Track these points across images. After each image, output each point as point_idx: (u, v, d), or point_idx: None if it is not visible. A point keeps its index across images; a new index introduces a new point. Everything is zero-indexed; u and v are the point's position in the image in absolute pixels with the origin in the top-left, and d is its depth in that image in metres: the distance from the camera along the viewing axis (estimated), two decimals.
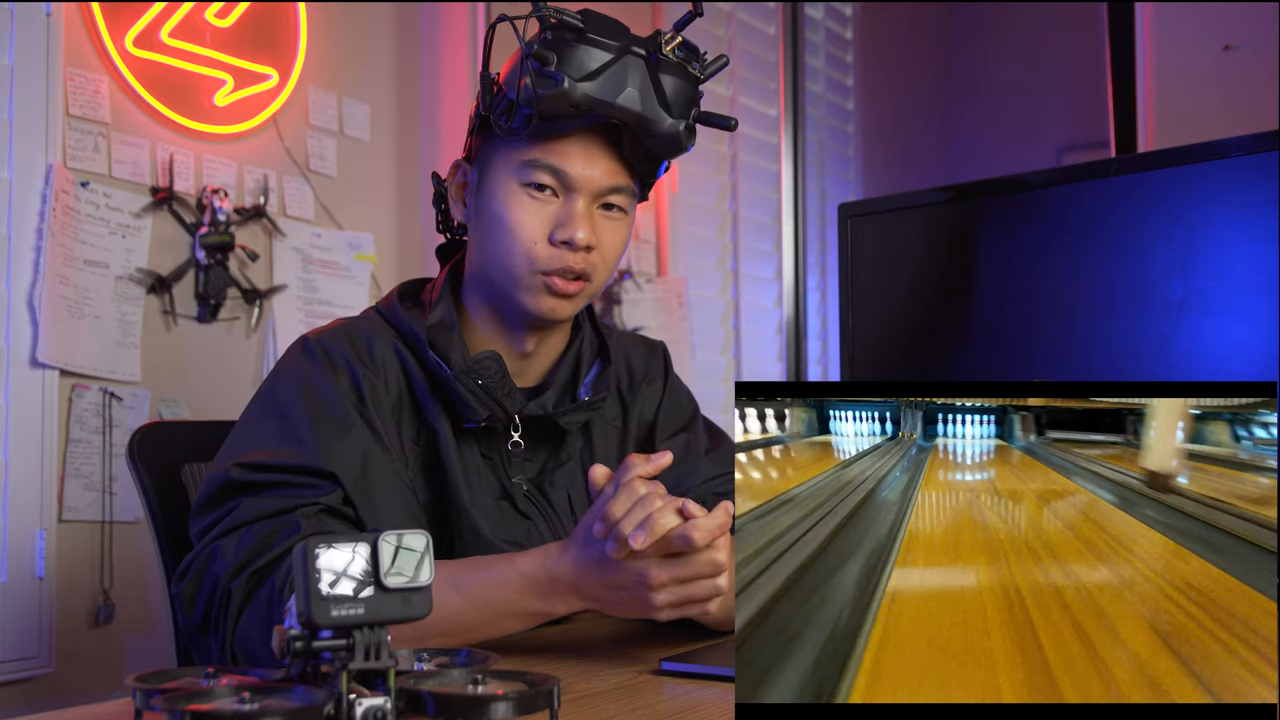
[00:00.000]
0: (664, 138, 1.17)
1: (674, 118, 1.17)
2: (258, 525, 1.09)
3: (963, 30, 4.37)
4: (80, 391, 1.99)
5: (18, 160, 1.91)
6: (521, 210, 1.19)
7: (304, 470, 1.11)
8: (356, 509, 1.12)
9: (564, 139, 1.18)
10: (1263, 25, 2.73)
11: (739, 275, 3.46)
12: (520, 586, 1.06)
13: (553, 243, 1.19)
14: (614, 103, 1.14)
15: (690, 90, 1.19)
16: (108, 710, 0.98)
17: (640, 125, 1.16)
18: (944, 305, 1.52)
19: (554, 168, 1.18)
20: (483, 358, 1.20)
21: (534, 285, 1.20)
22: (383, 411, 1.19)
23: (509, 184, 1.20)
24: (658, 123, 1.16)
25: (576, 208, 1.19)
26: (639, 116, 1.15)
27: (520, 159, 1.19)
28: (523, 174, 1.19)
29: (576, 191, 1.19)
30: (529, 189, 1.19)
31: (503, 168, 1.20)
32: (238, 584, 1.07)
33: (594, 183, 1.19)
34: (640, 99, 1.15)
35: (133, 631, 2.04)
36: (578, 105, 1.14)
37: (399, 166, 2.61)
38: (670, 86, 1.16)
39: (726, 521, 1.02)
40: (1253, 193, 1.24)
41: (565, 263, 1.19)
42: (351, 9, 2.51)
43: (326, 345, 1.21)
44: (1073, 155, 4.02)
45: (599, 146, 1.19)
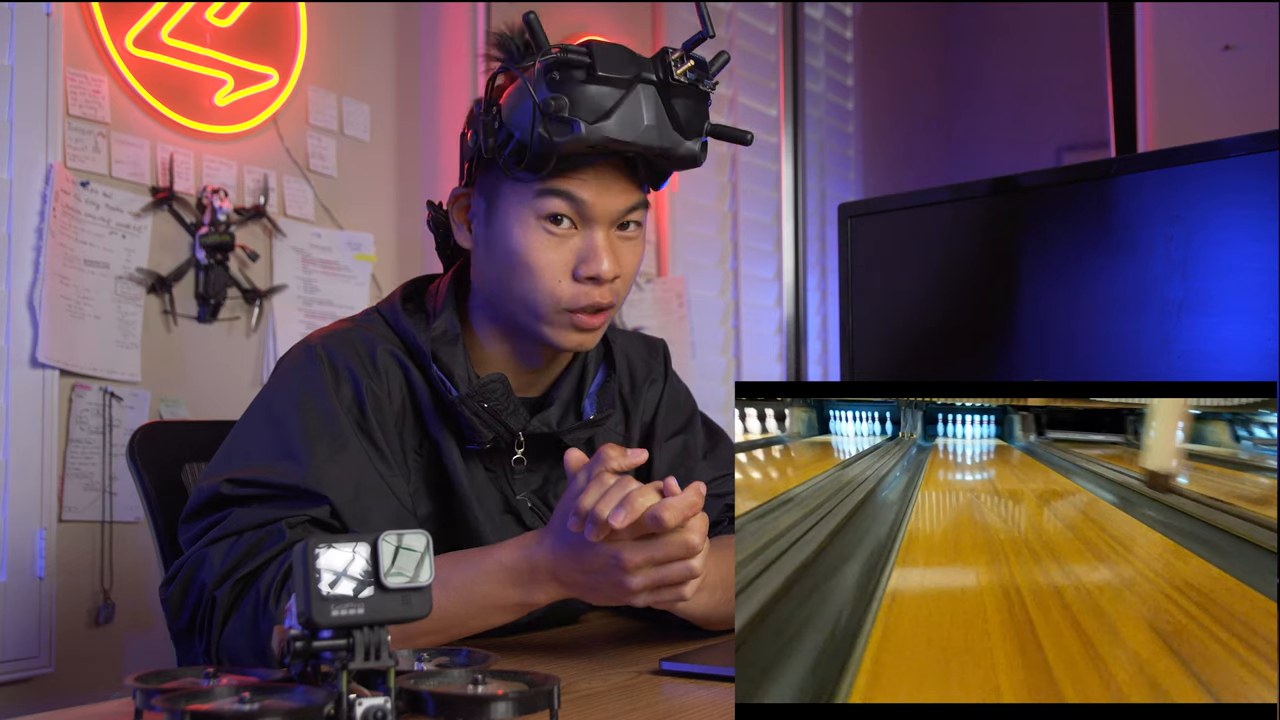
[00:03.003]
0: (680, 159, 1.15)
1: (689, 139, 1.14)
2: (246, 535, 1.10)
3: (963, 30, 4.37)
4: (80, 391, 1.99)
5: (18, 160, 1.91)
6: (541, 248, 1.16)
7: (294, 489, 1.11)
8: (346, 526, 1.12)
9: (577, 170, 1.14)
10: (1263, 25, 2.73)
11: (739, 275, 3.46)
12: (500, 577, 1.05)
13: (577, 278, 1.16)
14: (634, 141, 1.11)
15: (703, 108, 1.16)
16: (108, 710, 0.98)
17: (659, 154, 1.14)
18: (944, 305, 1.52)
19: (571, 196, 1.15)
20: (489, 381, 1.18)
21: (560, 322, 1.18)
22: (385, 423, 1.18)
23: (524, 218, 1.16)
24: (675, 148, 1.13)
25: (597, 240, 1.16)
26: (659, 149, 1.12)
27: (533, 190, 1.15)
28: (538, 207, 1.15)
29: (595, 221, 1.16)
30: (546, 223, 1.15)
31: (514, 199, 1.17)
32: (222, 592, 1.07)
33: (612, 211, 1.17)
34: (658, 131, 1.11)
35: (133, 631, 2.04)
36: (595, 147, 1.11)
37: (399, 166, 2.61)
38: (684, 110, 1.13)
39: (698, 501, 1.00)
40: (1253, 193, 1.24)
41: (592, 299, 1.17)
42: (351, 9, 2.51)
43: (331, 352, 1.19)
44: (1073, 155, 4.02)
45: (613, 173, 1.16)
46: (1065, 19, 3.86)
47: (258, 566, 1.08)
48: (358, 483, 1.14)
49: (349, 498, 1.13)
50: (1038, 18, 4.03)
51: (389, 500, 1.16)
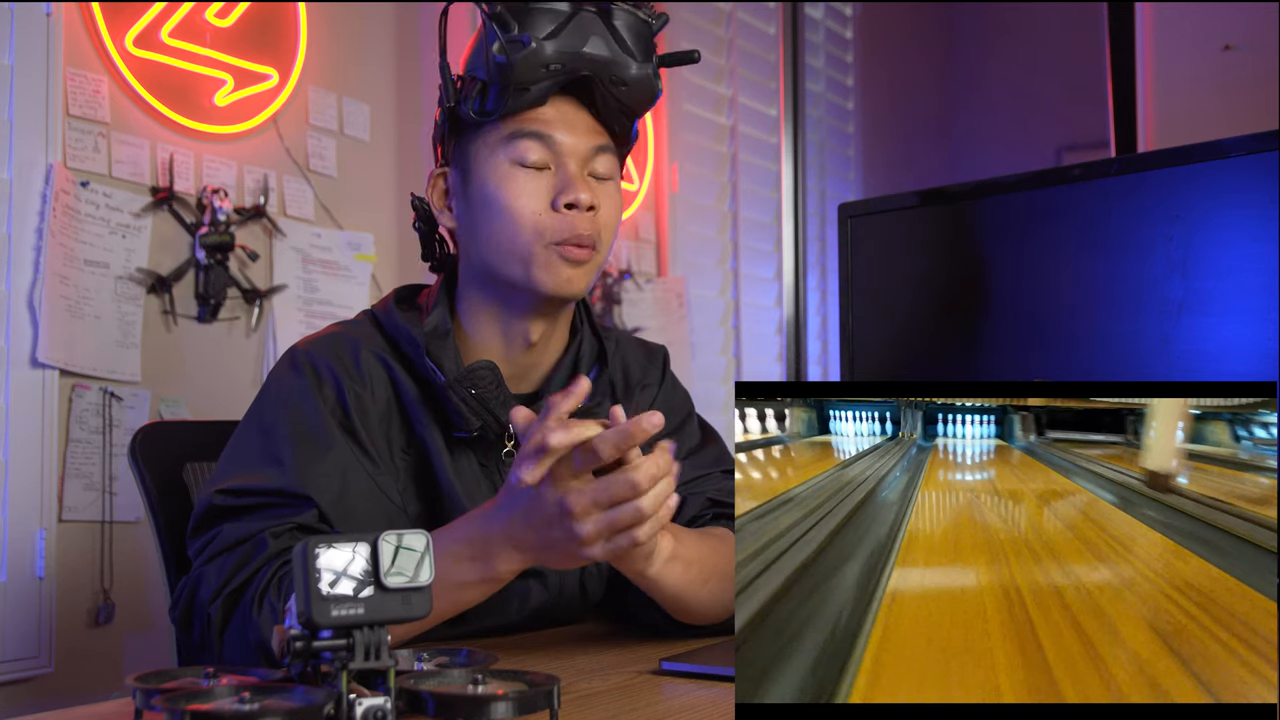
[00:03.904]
0: (634, 84, 1.20)
1: (639, 62, 1.19)
2: (236, 550, 1.11)
3: (963, 30, 4.37)
4: (80, 391, 1.99)
5: (18, 160, 1.91)
6: (518, 187, 1.19)
7: (280, 493, 1.13)
8: (334, 527, 1.13)
9: (539, 110, 1.19)
10: (1263, 25, 2.73)
11: (739, 275, 3.46)
12: (459, 553, 1.04)
13: (555, 209, 1.19)
14: (583, 52, 1.16)
15: (649, 35, 1.21)
16: (108, 710, 0.98)
17: (610, 73, 1.18)
18: (944, 305, 1.52)
19: (538, 134, 1.19)
20: (477, 367, 1.19)
21: (546, 259, 1.19)
22: (369, 423, 1.19)
23: (498, 165, 1.20)
24: (625, 67, 1.18)
25: (571, 172, 1.20)
26: (608, 63, 1.18)
27: (502, 135, 1.20)
28: (509, 150, 1.20)
29: (565, 157, 1.20)
30: (518, 167, 1.20)
31: (486, 153, 1.21)
32: (216, 608, 1.09)
33: (580, 146, 1.21)
34: (606, 47, 1.18)
35: (133, 631, 2.04)
36: (548, 64, 1.16)
37: (399, 166, 2.61)
38: (628, 32, 1.19)
39: (637, 433, 0.96)
40: (1253, 193, 1.24)
41: (575, 228, 1.19)
42: (351, 9, 2.51)
43: (312, 357, 1.21)
44: (1073, 155, 4.02)
45: (574, 110, 1.21)
46: (1065, 19, 3.86)
47: (244, 580, 1.10)
48: (343, 481, 1.15)
49: (334, 497, 1.14)
50: (1038, 18, 4.03)
51: (377, 498, 1.17)
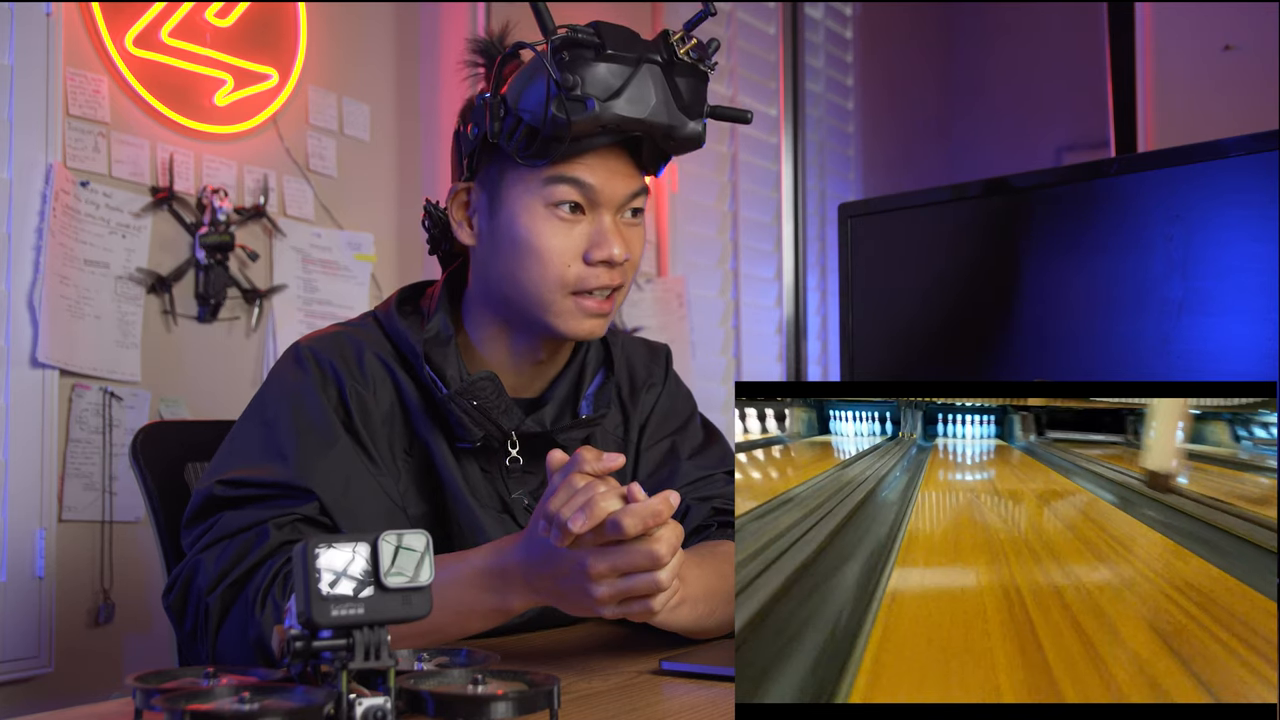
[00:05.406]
0: (684, 140, 1.16)
1: (692, 120, 1.15)
2: (236, 539, 1.11)
3: (963, 30, 4.37)
4: (80, 391, 1.99)
5: (18, 160, 1.91)
6: (550, 234, 1.16)
7: (283, 486, 1.12)
8: (336, 522, 1.13)
9: (583, 155, 1.15)
10: (1263, 25, 2.73)
11: (739, 275, 3.46)
12: (475, 581, 1.04)
13: (588, 262, 1.17)
14: (644, 119, 1.12)
15: (704, 89, 1.17)
16: (108, 710, 0.98)
17: (665, 134, 1.15)
18: (944, 305, 1.52)
19: (579, 181, 1.15)
20: (479, 379, 1.18)
21: (567, 309, 1.18)
22: (371, 424, 1.19)
23: (531, 206, 1.17)
24: (680, 128, 1.14)
25: (605, 223, 1.17)
26: (666, 126, 1.13)
27: (541, 178, 1.16)
28: (546, 195, 1.16)
29: (602, 206, 1.17)
30: (554, 210, 1.16)
31: (520, 189, 1.17)
32: (214, 598, 1.08)
33: (618, 196, 1.18)
34: (665, 110, 1.13)
35: (133, 631, 2.04)
36: (606, 126, 1.12)
37: (399, 166, 2.61)
38: (687, 90, 1.14)
39: (664, 510, 0.96)
40: (1253, 193, 1.24)
41: (602, 281, 1.17)
42: (351, 9, 2.51)
43: (317, 353, 1.20)
44: (1073, 155, 4.02)
45: (618, 157, 1.17)
46: (1065, 19, 3.86)
47: (246, 571, 1.09)
48: (347, 478, 1.14)
49: (338, 493, 1.13)
50: (1038, 18, 4.03)
51: (379, 497, 1.16)
